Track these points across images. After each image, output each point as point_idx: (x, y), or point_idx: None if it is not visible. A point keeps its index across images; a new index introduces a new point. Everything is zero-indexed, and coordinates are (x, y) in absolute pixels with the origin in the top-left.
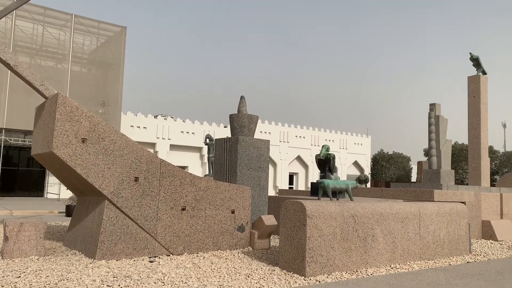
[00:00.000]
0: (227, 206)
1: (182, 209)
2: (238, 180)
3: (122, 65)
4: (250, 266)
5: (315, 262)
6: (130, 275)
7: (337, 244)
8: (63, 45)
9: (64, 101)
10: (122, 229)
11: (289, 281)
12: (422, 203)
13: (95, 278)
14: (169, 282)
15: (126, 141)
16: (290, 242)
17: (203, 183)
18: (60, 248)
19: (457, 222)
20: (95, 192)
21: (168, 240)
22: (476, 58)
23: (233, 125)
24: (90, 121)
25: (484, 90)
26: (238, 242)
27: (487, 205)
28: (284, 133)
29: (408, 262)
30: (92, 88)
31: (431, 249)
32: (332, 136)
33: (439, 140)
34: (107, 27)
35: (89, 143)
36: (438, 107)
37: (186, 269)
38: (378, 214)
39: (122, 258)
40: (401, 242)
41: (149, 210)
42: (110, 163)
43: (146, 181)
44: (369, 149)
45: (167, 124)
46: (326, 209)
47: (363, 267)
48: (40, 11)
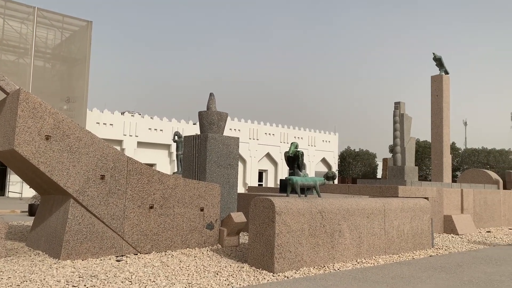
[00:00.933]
0: (196, 204)
1: (150, 208)
2: (207, 178)
3: (87, 60)
4: (219, 263)
5: (283, 258)
6: (96, 275)
7: (305, 240)
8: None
9: (26, 97)
10: (88, 228)
11: (257, 278)
12: (387, 199)
13: (59, 279)
14: (136, 281)
15: (92, 138)
16: (259, 238)
17: (172, 181)
18: (22, 249)
19: (420, 217)
20: (59, 190)
21: (136, 239)
22: (439, 58)
23: (202, 122)
24: (54, 117)
25: (446, 89)
26: (207, 239)
27: (449, 201)
28: (253, 130)
29: (374, 257)
30: (56, 83)
31: (395, 244)
32: (301, 133)
33: (403, 137)
34: (72, 21)
35: (53, 140)
36: (403, 105)
37: (154, 268)
38: (345, 210)
39: (88, 258)
40: (367, 237)
41: (116, 208)
42: (75, 160)
43: (113, 179)
44: (337, 146)
45: (134, 121)
46: (294, 206)
47: (331, 262)
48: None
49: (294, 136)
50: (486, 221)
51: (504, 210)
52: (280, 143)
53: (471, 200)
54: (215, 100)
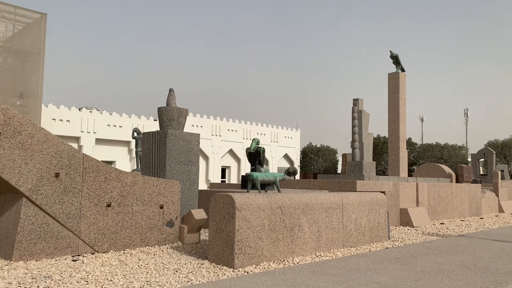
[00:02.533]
0: (156, 201)
1: (108, 206)
2: (167, 175)
3: (42, 54)
4: (179, 261)
5: (243, 254)
6: (51, 275)
7: (265, 235)
8: None
9: None
10: (42, 227)
11: (217, 274)
12: (345, 193)
13: (10, 281)
14: (93, 281)
15: (46, 135)
16: (219, 235)
17: (130, 178)
18: None
19: (377, 210)
20: (10, 189)
21: (93, 238)
22: (395, 56)
23: (162, 118)
24: (4, 113)
25: (402, 86)
26: (167, 237)
27: (405, 194)
28: (216, 126)
29: (332, 250)
30: (8, 78)
31: (353, 237)
32: (263, 129)
33: (361, 133)
34: (25, 13)
35: (3, 137)
36: (361, 102)
37: (112, 267)
38: (304, 205)
39: (42, 258)
40: (326, 231)
41: (71, 207)
42: (27, 158)
43: (68, 177)
44: (299, 142)
45: (92, 117)
46: (254, 201)
47: (290, 256)
48: None
49: (257, 132)
50: (440, 214)
51: (456, 202)
52: (243, 139)
53: (425, 193)
54: (175, 96)
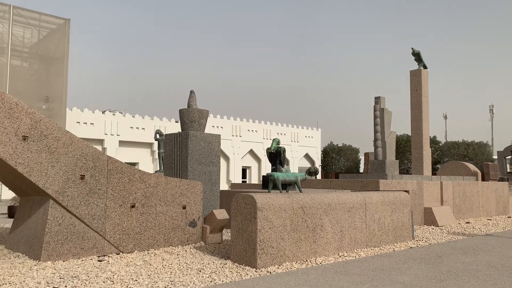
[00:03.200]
0: (178, 202)
1: (132, 206)
2: (189, 176)
3: (66, 59)
4: (202, 260)
5: (266, 254)
6: (77, 275)
7: (287, 235)
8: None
9: (2, 97)
10: (68, 228)
11: (240, 274)
12: (368, 192)
13: (40, 280)
14: (118, 281)
15: (71, 138)
16: (242, 235)
17: (153, 179)
18: (2, 251)
19: (401, 210)
20: (38, 191)
21: (118, 238)
22: (417, 53)
23: (183, 120)
24: (31, 117)
25: (425, 83)
26: (190, 237)
27: (429, 193)
28: (236, 127)
29: (355, 250)
30: (34, 83)
31: (376, 237)
32: (283, 129)
33: (384, 132)
34: (49, 20)
35: (30, 141)
36: (383, 100)
37: (137, 267)
38: (326, 205)
39: (69, 259)
40: (349, 231)
41: (96, 208)
42: (54, 161)
43: (93, 179)
44: (320, 141)
45: (115, 120)
46: (276, 202)
47: (313, 256)
48: None
49: (277, 132)
50: (465, 212)
51: (482, 201)
52: (263, 139)
53: (450, 192)
54: (195, 98)
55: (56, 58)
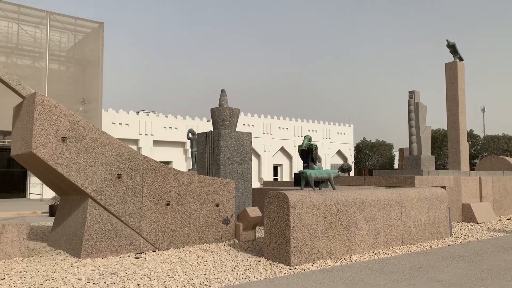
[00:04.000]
0: (212, 200)
1: (167, 204)
2: (222, 174)
3: (101, 61)
4: (236, 258)
5: (299, 251)
6: (116, 272)
7: (321, 232)
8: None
9: (42, 100)
10: (106, 226)
11: (274, 271)
12: (403, 189)
13: (80, 277)
14: (155, 277)
15: (107, 138)
16: (275, 232)
17: (187, 177)
18: (44, 249)
19: (438, 206)
20: (77, 190)
21: (154, 236)
22: (452, 45)
23: (215, 119)
24: (70, 119)
25: (461, 76)
26: (224, 234)
27: (467, 189)
28: (267, 125)
29: (391, 247)
30: (71, 86)
31: (412, 234)
32: (315, 126)
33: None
34: (84, 24)
35: (69, 141)
36: (417, 94)
37: (172, 264)
38: (360, 202)
39: (107, 256)
40: (384, 228)
41: (133, 206)
42: (91, 161)
43: (129, 178)
44: (352, 137)
45: (149, 120)
46: (309, 199)
47: (347, 254)
48: (14, 9)
49: (308, 129)
50: (506, 209)
51: None
52: (294, 136)
53: (490, 187)
54: (226, 97)
55: (91, 61)
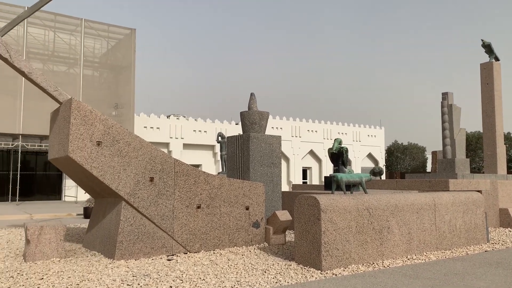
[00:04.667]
0: (242, 203)
1: (198, 207)
2: (251, 177)
3: (133, 67)
4: (267, 261)
5: (331, 256)
6: (149, 274)
7: (352, 237)
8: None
9: (78, 105)
10: (139, 228)
11: (305, 275)
12: (437, 193)
13: (115, 278)
14: (187, 280)
15: (140, 142)
16: (305, 236)
17: (217, 180)
18: (80, 250)
19: (473, 211)
20: (111, 193)
21: (185, 238)
22: (488, 44)
23: (244, 122)
24: (104, 124)
25: (497, 76)
26: (254, 238)
27: (504, 193)
28: (295, 127)
29: (425, 253)
30: (104, 91)
31: (447, 239)
32: (344, 129)
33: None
34: (116, 30)
35: (104, 145)
36: (451, 96)
37: (204, 266)
38: (393, 206)
39: (140, 258)
40: (417, 233)
41: (165, 209)
42: (125, 164)
43: (161, 181)
44: (383, 140)
45: (179, 124)
46: (340, 203)
47: (379, 259)
48: (50, 17)
49: (338, 132)
50: None
51: None
52: (324, 139)
53: None
54: (256, 100)
55: (123, 67)
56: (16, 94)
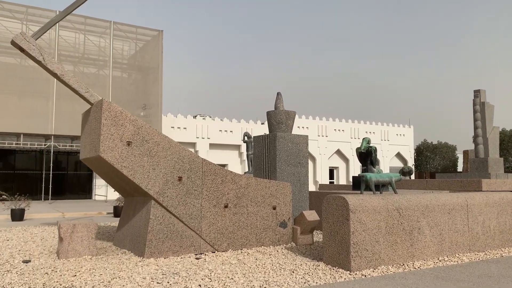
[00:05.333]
0: (269, 203)
1: (225, 207)
2: (278, 177)
3: (160, 68)
4: (294, 261)
5: (360, 257)
6: (178, 272)
7: (382, 238)
8: (104, 52)
9: (108, 106)
10: (168, 227)
11: (334, 276)
12: (469, 193)
13: (145, 276)
14: (216, 278)
15: (169, 142)
16: (334, 237)
17: (244, 180)
18: (110, 248)
19: (509, 212)
20: (141, 192)
21: (213, 237)
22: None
23: (271, 121)
24: (134, 124)
25: None
26: (281, 238)
27: None
28: (322, 127)
29: (457, 254)
30: (133, 92)
31: (481, 241)
32: (372, 128)
33: (485, 127)
34: (144, 32)
35: (134, 145)
36: (483, 93)
37: (232, 265)
38: (424, 206)
39: (169, 256)
40: (449, 234)
41: (193, 208)
42: (154, 164)
43: (189, 180)
44: (412, 139)
45: (206, 124)
46: (369, 203)
47: (410, 260)
48: (81, 21)
49: (365, 131)
50: None
51: None
52: (351, 138)
53: None
54: (282, 99)
55: (151, 68)
56: (49, 96)
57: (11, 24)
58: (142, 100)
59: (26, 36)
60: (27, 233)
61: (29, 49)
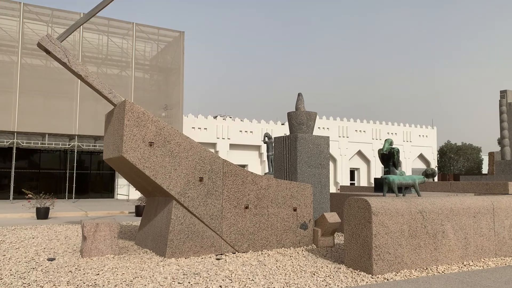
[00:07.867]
0: (289, 204)
1: (245, 208)
2: (299, 178)
3: (181, 69)
4: (315, 263)
5: (382, 260)
6: (199, 273)
7: (405, 241)
8: (126, 53)
9: (131, 107)
10: (189, 227)
11: (356, 279)
12: (495, 196)
13: (166, 276)
14: (236, 279)
15: (190, 143)
16: (355, 239)
17: (264, 181)
18: (132, 247)
19: None
20: (163, 192)
21: (233, 238)
22: None
23: (292, 122)
24: (156, 125)
25: None
26: (302, 239)
27: None
28: (343, 128)
29: (482, 259)
30: (154, 93)
31: (507, 245)
32: (394, 129)
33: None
34: (166, 33)
35: (156, 146)
36: (510, 93)
37: (252, 267)
38: (448, 210)
39: (190, 256)
40: (474, 238)
41: (214, 209)
42: (176, 164)
43: (210, 181)
44: (435, 140)
45: (226, 124)
46: (392, 206)
47: (434, 264)
48: (104, 22)
49: (387, 132)
50: None
51: None
52: (372, 140)
53: None
54: (303, 100)
55: (173, 69)
56: (73, 97)
57: (37, 27)
58: (164, 101)
59: (51, 38)
60: (52, 231)
61: (55, 51)
